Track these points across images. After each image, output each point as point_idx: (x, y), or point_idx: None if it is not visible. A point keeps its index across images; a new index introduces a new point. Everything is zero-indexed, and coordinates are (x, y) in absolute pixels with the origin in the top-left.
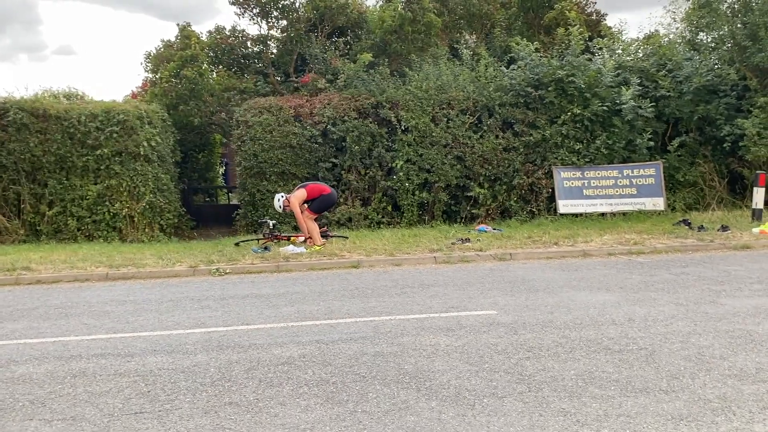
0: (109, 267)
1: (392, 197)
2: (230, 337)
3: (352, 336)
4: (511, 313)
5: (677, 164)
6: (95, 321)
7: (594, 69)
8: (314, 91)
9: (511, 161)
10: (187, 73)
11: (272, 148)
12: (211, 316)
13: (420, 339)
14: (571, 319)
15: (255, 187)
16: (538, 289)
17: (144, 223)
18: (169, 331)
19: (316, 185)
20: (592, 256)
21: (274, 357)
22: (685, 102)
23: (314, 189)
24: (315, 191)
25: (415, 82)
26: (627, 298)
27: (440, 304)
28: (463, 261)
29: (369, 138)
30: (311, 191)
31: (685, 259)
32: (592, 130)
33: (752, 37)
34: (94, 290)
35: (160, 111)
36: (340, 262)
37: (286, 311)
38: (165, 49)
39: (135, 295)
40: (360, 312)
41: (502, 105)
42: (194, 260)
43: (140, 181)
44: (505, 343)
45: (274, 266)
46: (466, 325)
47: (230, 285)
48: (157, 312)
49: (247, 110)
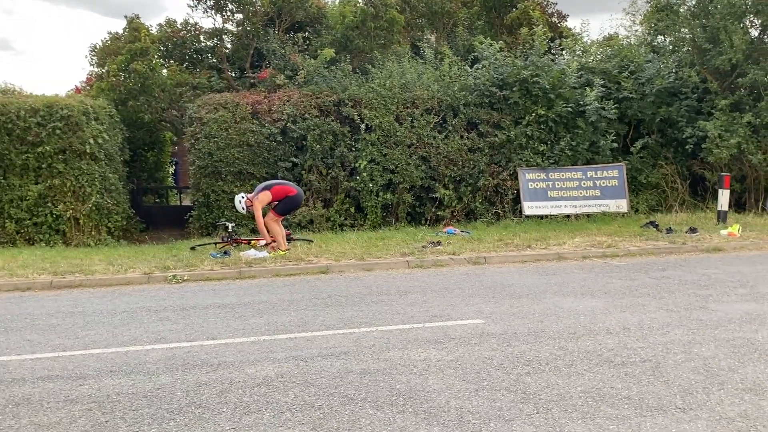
0: (54, 274)
1: (355, 198)
2: (196, 353)
3: (332, 351)
4: (498, 323)
5: (639, 166)
6: (39, 336)
7: (558, 69)
8: (272, 87)
9: (476, 162)
10: (138, 67)
11: (228, 146)
12: (171, 330)
13: (408, 353)
14: (564, 328)
15: (210, 188)
16: (521, 295)
17: (90, 225)
18: (126, 347)
19: (282, 186)
20: (567, 260)
21: (248, 377)
22: (647, 104)
23: (279, 191)
24: (280, 193)
25: (379, 79)
26: (614, 304)
27: (422, 313)
28: (437, 265)
29: (331, 137)
30: (276, 193)
31: (660, 262)
32: (556, 132)
33: (712, 40)
34: (37, 300)
35: (107, 106)
36: (307, 268)
37: (255, 323)
38: (112, 42)
39: (84, 306)
40: (337, 323)
41: (466, 105)
42: (148, 266)
43: (86, 181)
44: (501, 357)
45: (236, 272)
46: (455, 336)
47: (189, 293)
48: (110, 325)
49: (202, 106)
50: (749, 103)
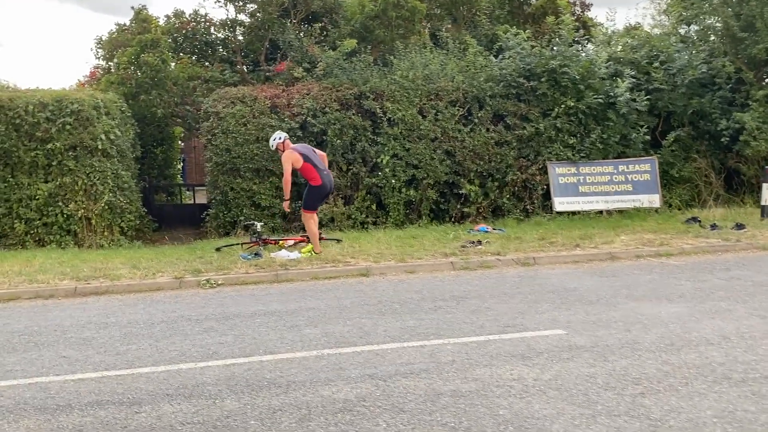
0: (77, 280)
1: (377, 195)
2: (257, 371)
3: (410, 368)
4: (582, 333)
5: (671, 159)
6: (76, 352)
7: (587, 59)
8: (290, 80)
9: (504, 156)
10: (149, 59)
11: (247, 142)
12: (221, 342)
13: (496, 371)
14: (657, 339)
15: (228, 185)
16: (591, 301)
17: (103, 225)
18: (177, 365)
19: (311, 167)
20: (620, 259)
21: (325, 401)
22: (679, 95)
23: (307, 168)
24: (306, 171)
25: (401, 71)
26: (698, 309)
27: (491, 323)
28: (483, 267)
29: (352, 131)
30: (304, 169)
31: (719, 261)
32: (585, 124)
33: (748, 29)
34: (63, 309)
35: (118, 101)
36: (346, 270)
37: (311, 334)
38: (119, 34)
39: (116, 316)
40: (401, 334)
41: (492, 96)
42: (176, 270)
43: (98, 179)
44: (603, 374)
45: (273, 275)
46: (541, 350)
47: (228, 299)
48: (151, 338)
49: (218, 101)
50: None
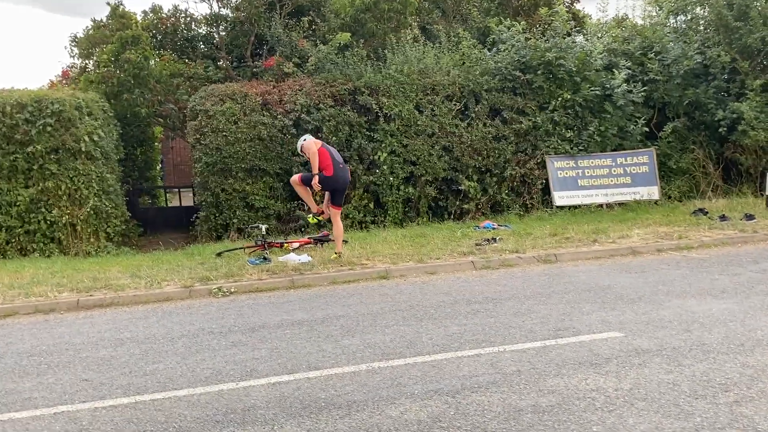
0: (77, 291)
1: (374, 193)
2: (307, 390)
3: (476, 381)
4: (641, 335)
5: (668, 151)
6: (98, 374)
7: (583, 51)
8: (280, 76)
9: (502, 151)
10: (131, 57)
11: (238, 140)
12: (256, 358)
13: (570, 381)
14: (722, 339)
15: (219, 186)
16: (633, 299)
17: (88, 232)
18: (216, 385)
19: (328, 157)
20: (641, 254)
21: (396, 423)
22: (674, 86)
23: (324, 159)
24: (323, 162)
25: (396, 65)
26: (747, 305)
27: (540, 326)
28: (505, 265)
29: (347, 128)
30: (321, 158)
31: (742, 253)
32: (583, 117)
33: (741, 18)
34: (68, 325)
35: (99, 100)
36: (364, 273)
37: (351, 345)
38: (95, 31)
39: (130, 330)
40: (449, 342)
41: (488, 90)
42: (182, 277)
43: (82, 183)
44: (685, 381)
45: (288, 281)
46: (606, 355)
47: (247, 309)
48: (176, 354)
49: (206, 98)
50: None
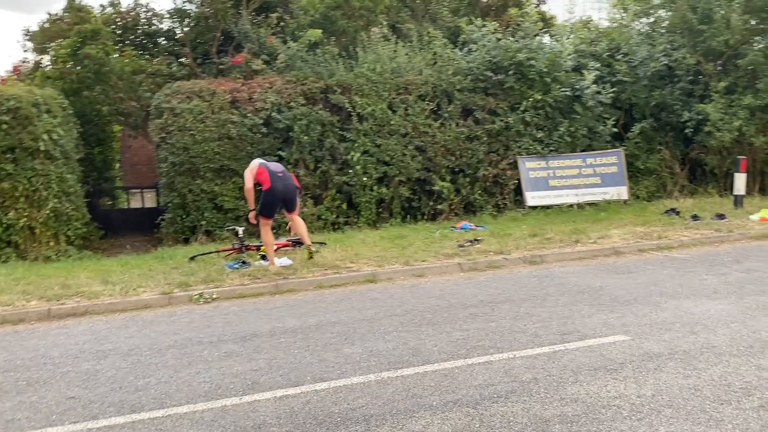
0: (47, 300)
1: (347, 194)
2: (318, 404)
3: (493, 391)
4: (648, 338)
5: (636, 152)
6: (85, 391)
7: (553, 52)
8: (248, 73)
9: (475, 151)
10: (91, 52)
11: (206, 139)
12: (255, 369)
13: (590, 388)
14: (730, 341)
15: (186, 187)
16: (629, 300)
17: (48, 235)
18: (218, 400)
19: (264, 171)
20: (624, 255)
21: None
22: (641, 87)
23: (261, 174)
24: (260, 177)
25: (368, 64)
26: (743, 305)
27: (544, 331)
28: (492, 267)
29: (319, 127)
30: (259, 175)
31: (722, 252)
32: (553, 117)
33: (705, 21)
34: (41, 337)
35: (58, 97)
36: (351, 277)
37: (353, 354)
38: (51, 25)
39: (111, 342)
40: (456, 349)
41: (461, 90)
42: (158, 283)
43: (41, 184)
44: (706, 386)
45: (273, 286)
46: (619, 359)
47: (233, 316)
48: (167, 367)
49: (171, 95)
50: (743, 85)
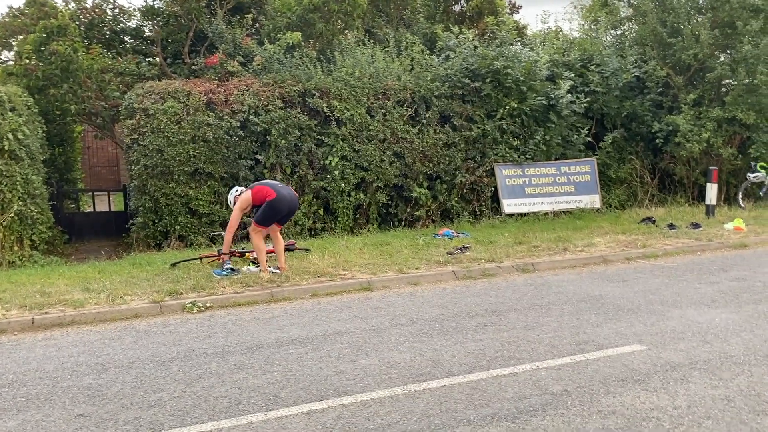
0: (28, 309)
1: (324, 199)
2: (349, 419)
3: (528, 404)
4: (664, 347)
5: (608, 161)
6: (94, 408)
7: (529, 60)
8: (223, 75)
9: (452, 158)
10: (59, 49)
11: (181, 142)
12: (271, 383)
13: (624, 400)
14: (745, 350)
15: (159, 191)
16: (632, 309)
17: (12, 239)
18: (242, 416)
19: (262, 187)
20: (613, 263)
21: None
22: (612, 98)
23: (259, 192)
24: (259, 195)
25: (346, 68)
26: (745, 314)
27: (559, 341)
28: (486, 275)
29: (297, 131)
30: (256, 195)
31: (706, 261)
32: (528, 125)
33: (674, 35)
34: (29, 349)
35: (23, 95)
36: (345, 285)
37: (370, 365)
38: (12, 19)
39: (107, 353)
40: (476, 360)
41: (438, 97)
42: (145, 291)
43: (5, 186)
44: (736, 396)
45: (267, 294)
46: (643, 370)
47: (232, 326)
48: (177, 381)
49: (144, 95)
50: (710, 98)
